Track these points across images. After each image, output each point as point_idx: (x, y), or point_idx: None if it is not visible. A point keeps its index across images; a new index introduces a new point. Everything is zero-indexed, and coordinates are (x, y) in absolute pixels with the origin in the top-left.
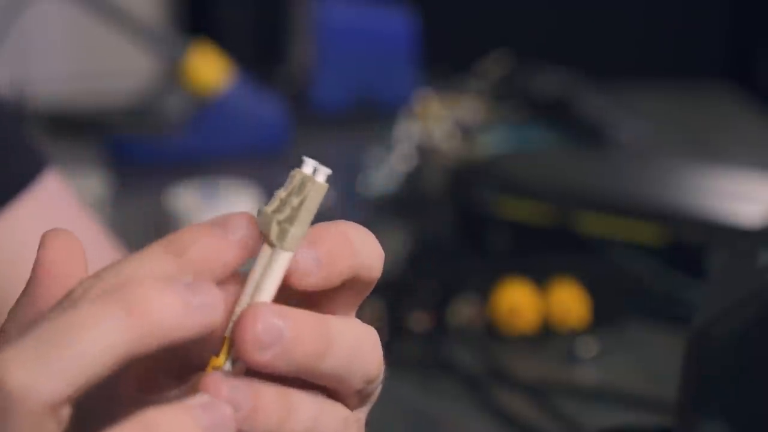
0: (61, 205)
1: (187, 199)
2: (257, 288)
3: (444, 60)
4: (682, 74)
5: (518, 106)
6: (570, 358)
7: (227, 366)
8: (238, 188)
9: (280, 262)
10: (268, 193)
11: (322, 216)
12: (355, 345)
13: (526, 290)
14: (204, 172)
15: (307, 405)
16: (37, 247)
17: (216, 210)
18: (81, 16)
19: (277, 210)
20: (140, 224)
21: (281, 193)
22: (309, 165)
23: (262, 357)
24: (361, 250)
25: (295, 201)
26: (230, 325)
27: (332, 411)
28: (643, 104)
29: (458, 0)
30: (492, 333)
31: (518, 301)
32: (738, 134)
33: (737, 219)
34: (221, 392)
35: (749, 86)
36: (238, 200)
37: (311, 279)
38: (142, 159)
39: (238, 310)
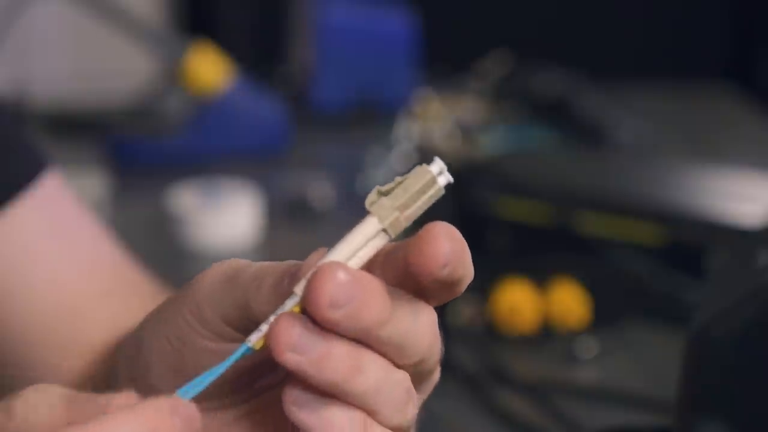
0: (61, 205)
1: (187, 199)
2: (336, 245)
3: (444, 60)
4: (682, 74)
5: (518, 106)
6: (570, 358)
7: None
8: (238, 188)
9: (364, 224)
10: (269, 193)
11: (322, 216)
12: (412, 318)
13: (526, 290)
14: (204, 172)
15: (376, 365)
16: (38, 247)
17: (216, 210)
18: (81, 16)
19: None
20: (140, 224)
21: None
22: (435, 162)
23: (333, 315)
24: (468, 264)
25: (399, 179)
26: (302, 282)
27: (399, 378)
28: (643, 104)
29: (458, 0)
30: (492, 333)
31: (518, 301)
32: (738, 134)
33: (737, 219)
34: (292, 335)
35: (749, 86)
36: (237, 200)
37: (445, 271)
38: (142, 159)
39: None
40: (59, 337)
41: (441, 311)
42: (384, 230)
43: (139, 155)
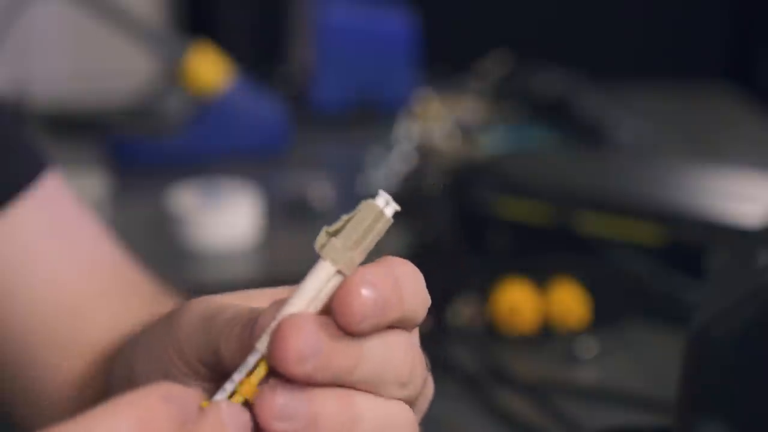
0: (61, 205)
1: (187, 199)
2: (292, 295)
3: (444, 60)
4: (682, 74)
5: (518, 106)
6: (570, 358)
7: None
8: (238, 188)
9: (318, 269)
10: (269, 193)
11: (322, 216)
12: (385, 354)
13: (526, 290)
14: (204, 172)
15: (369, 404)
16: (38, 247)
17: (216, 210)
18: (81, 16)
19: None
20: (140, 224)
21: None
22: (380, 196)
23: (303, 369)
24: (409, 300)
25: (346, 217)
26: (263, 337)
27: (396, 411)
28: (643, 104)
29: (458, 0)
30: (492, 333)
31: (518, 301)
32: (738, 134)
33: (737, 219)
34: (275, 405)
35: (749, 86)
36: (237, 200)
37: (364, 325)
38: (142, 159)
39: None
40: (59, 337)
41: (440, 312)
42: (339, 271)
43: (139, 155)
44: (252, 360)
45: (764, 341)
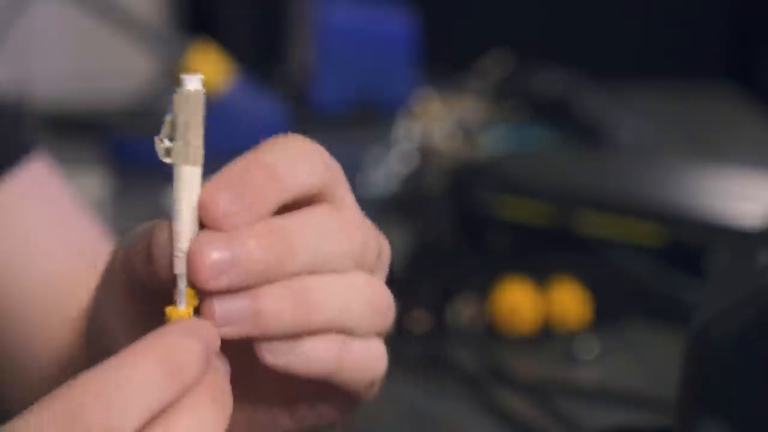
0: (42, 187)
1: None
2: (175, 213)
3: (444, 60)
4: (682, 74)
5: (518, 106)
6: (570, 358)
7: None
8: None
9: (181, 177)
10: None
11: None
12: (320, 232)
13: (526, 290)
14: (204, 172)
15: (331, 294)
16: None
17: None
18: (81, 16)
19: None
20: (140, 224)
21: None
22: (184, 82)
23: (221, 283)
24: (290, 178)
25: (170, 118)
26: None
27: (359, 282)
28: (643, 104)
29: (458, 0)
30: (492, 333)
31: (518, 301)
32: (738, 134)
33: (737, 219)
34: (215, 313)
35: (749, 86)
36: None
37: (233, 220)
38: (142, 159)
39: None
40: (53, 314)
41: (440, 312)
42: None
43: (139, 155)
44: (182, 285)
45: (764, 341)
